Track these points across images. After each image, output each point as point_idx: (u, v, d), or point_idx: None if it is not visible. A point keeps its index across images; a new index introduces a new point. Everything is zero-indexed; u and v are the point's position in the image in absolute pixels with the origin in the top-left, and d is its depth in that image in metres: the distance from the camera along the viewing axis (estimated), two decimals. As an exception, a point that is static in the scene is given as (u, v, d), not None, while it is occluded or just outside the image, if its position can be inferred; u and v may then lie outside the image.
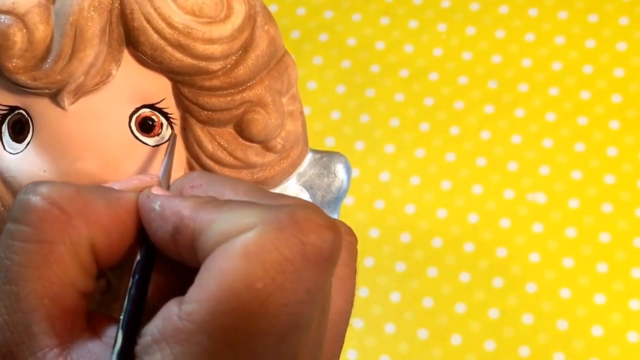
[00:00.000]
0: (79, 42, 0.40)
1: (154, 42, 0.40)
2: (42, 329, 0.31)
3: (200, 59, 0.41)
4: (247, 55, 0.42)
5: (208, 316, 0.29)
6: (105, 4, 0.40)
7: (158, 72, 0.42)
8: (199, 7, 0.41)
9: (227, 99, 0.42)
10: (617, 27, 0.73)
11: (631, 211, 0.67)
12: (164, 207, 0.33)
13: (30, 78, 0.40)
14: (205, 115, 0.43)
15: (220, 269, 0.29)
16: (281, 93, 0.44)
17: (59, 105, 0.41)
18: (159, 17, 0.40)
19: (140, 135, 0.42)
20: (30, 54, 0.40)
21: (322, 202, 0.49)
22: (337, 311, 0.34)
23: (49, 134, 0.41)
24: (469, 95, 0.71)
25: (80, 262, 0.33)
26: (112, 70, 0.41)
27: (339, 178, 0.49)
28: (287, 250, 0.30)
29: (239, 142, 0.44)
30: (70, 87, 0.40)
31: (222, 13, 0.41)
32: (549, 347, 0.63)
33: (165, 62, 0.41)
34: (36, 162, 0.41)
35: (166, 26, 0.40)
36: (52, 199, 0.32)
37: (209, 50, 0.41)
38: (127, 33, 0.41)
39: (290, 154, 0.46)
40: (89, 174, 0.41)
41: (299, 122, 0.46)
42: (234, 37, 0.41)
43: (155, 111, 0.42)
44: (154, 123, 0.42)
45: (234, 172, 0.45)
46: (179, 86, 0.42)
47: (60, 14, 0.40)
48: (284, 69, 0.44)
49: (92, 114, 0.41)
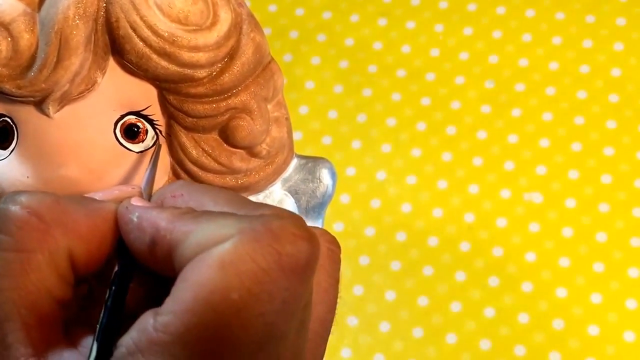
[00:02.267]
0: (64, 50, 0.39)
1: (139, 50, 0.40)
2: (18, 339, 0.31)
3: (185, 66, 0.41)
4: (233, 62, 0.42)
5: (183, 327, 0.29)
6: (91, 12, 0.40)
7: (143, 80, 0.42)
8: (184, 15, 0.40)
9: (213, 106, 0.42)
10: (614, 28, 0.73)
11: (628, 211, 0.67)
12: (142, 219, 0.33)
13: (14, 86, 0.40)
14: (190, 122, 0.43)
15: (195, 280, 0.29)
16: (267, 100, 0.44)
17: (44, 112, 0.41)
18: (144, 26, 0.40)
19: (125, 142, 0.42)
20: (15, 63, 0.40)
21: (307, 207, 0.49)
22: (318, 320, 0.34)
23: (33, 141, 0.41)
24: (466, 95, 0.71)
25: (58, 271, 0.33)
26: (97, 78, 0.41)
27: (323, 183, 0.49)
28: (263, 261, 0.29)
29: (224, 148, 0.44)
30: (55, 95, 0.40)
31: (208, 21, 0.41)
32: (545, 347, 0.63)
33: (151, 70, 0.41)
34: (20, 169, 0.42)
35: (152, 34, 0.40)
36: (31, 208, 0.32)
37: (194, 58, 0.41)
38: (113, 41, 0.41)
39: (275, 159, 0.46)
40: (73, 180, 0.41)
41: (285, 129, 0.46)
42: (220, 44, 0.41)
43: (141, 118, 0.42)
44: (139, 130, 0.42)
45: (218, 177, 0.45)
46: (165, 93, 0.42)
47: (45, 22, 0.39)
48: (270, 75, 0.44)
49: (77, 122, 0.41)
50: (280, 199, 0.48)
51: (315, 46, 0.74)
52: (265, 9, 0.75)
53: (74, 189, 0.41)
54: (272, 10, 0.75)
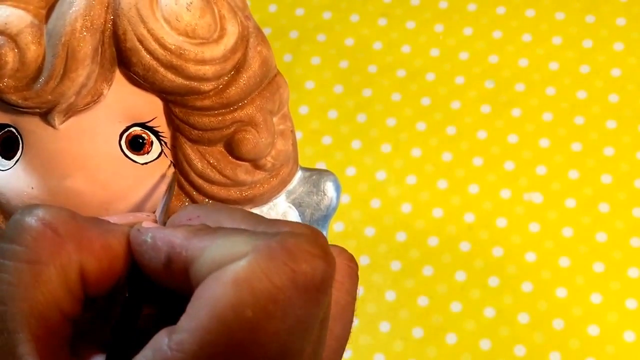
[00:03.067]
0: (70, 62, 0.39)
1: (146, 63, 0.40)
2: (27, 351, 0.31)
3: (192, 79, 0.41)
4: (239, 75, 0.42)
5: (197, 346, 0.29)
6: (98, 24, 0.40)
7: (149, 92, 0.42)
8: (192, 29, 0.40)
9: (218, 119, 0.43)
10: (614, 28, 0.73)
11: (628, 211, 0.67)
12: (156, 238, 0.32)
13: (21, 98, 0.40)
14: (195, 135, 0.43)
15: (210, 298, 0.29)
16: (272, 113, 0.44)
17: (50, 124, 0.41)
18: (151, 38, 0.40)
19: (130, 153, 0.42)
20: (22, 74, 0.40)
21: (310, 220, 0.49)
22: (335, 337, 0.33)
23: (38, 151, 0.41)
24: (466, 95, 0.71)
25: (69, 285, 0.32)
26: (103, 90, 0.41)
27: (328, 196, 0.49)
28: (278, 279, 0.29)
29: (229, 161, 0.44)
30: (62, 107, 0.40)
31: (215, 34, 0.41)
32: (545, 347, 0.63)
33: (157, 83, 0.41)
34: (25, 179, 0.42)
35: (159, 47, 0.40)
36: (47, 220, 0.32)
37: (201, 71, 0.41)
38: (120, 53, 0.41)
39: (280, 172, 0.46)
40: (78, 191, 0.41)
41: (290, 141, 0.46)
42: (227, 57, 0.41)
43: (146, 130, 0.42)
44: (144, 141, 0.42)
45: (222, 189, 0.45)
46: (171, 105, 0.42)
47: (52, 34, 0.40)
48: (276, 89, 0.44)
49: (83, 133, 0.41)
50: (284, 212, 0.48)
51: (315, 46, 0.74)
52: (265, 9, 0.75)
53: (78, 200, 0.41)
54: (272, 10, 0.75)
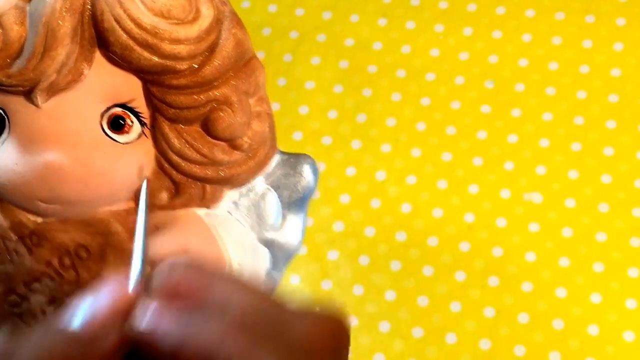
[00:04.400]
0: (50, 40, 0.42)
1: (123, 42, 0.43)
2: None
3: (167, 58, 0.43)
4: (214, 56, 0.44)
5: None
6: (77, 5, 0.42)
7: (129, 72, 0.44)
8: (167, 9, 0.43)
9: (194, 97, 0.45)
10: (614, 28, 0.73)
11: (628, 211, 0.67)
12: None
13: (4, 75, 0.42)
14: (172, 113, 0.45)
15: None
16: (248, 94, 0.47)
17: (33, 103, 0.43)
18: (128, 18, 0.42)
19: (110, 132, 0.45)
20: (5, 53, 0.42)
21: (289, 202, 0.51)
22: None
23: (23, 129, 0.44)
24: (466, 95, 0.71)
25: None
26: (84, 69, 0.43)
27: (305, 178, 0.51)
28: None
29: (206, 140, 0.46)
30: (43, 85, 0.43)
31: (190, 15, 0.43)
32: (545, 347, 0.63)
33: (134, 62, 0.43)
34: (10, 157, 0.44)
35: (135, 27, 0.42)
36: None
37: (175, 50, 0.43)
38: (98, 34, 0.43)
39: (257, 153, 0.48)
40: (58, 167, 0.44)
41: (266, 124, 0.48)
42: (201, 38, 0.44)
43: (126, 110, 0.45)
44: (124, 121, 0.45)
45: (199, 168, 0.47)
46: (149, 85, 0.44)
47: (34, 15, 0.42)
48: (252, 71, 0.46)
49: (65, 112, 0.44)
50: (262, 193, 0.50)
51: (315, 46, 0.74)
52: (265, 9, 0.75)
53: (58, 175, 0.44)
54: (272, 10, 0.75)
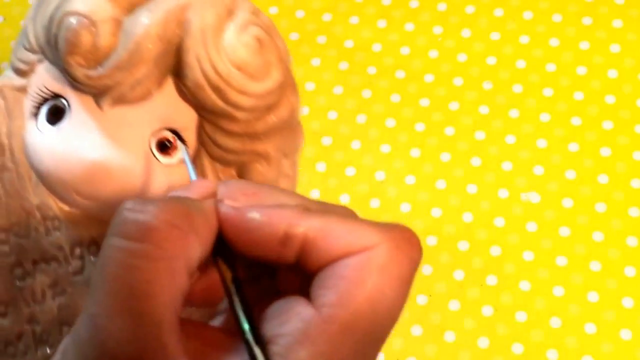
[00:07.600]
0: (136, 59, 0.45)
1: (197, 80, 0.46)
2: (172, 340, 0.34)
3: (230, 104, 0.47)
4: (269, 114, 0.48)
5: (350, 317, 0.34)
6: (169, 35, 0.45)
7: (190, 105, 0.47)
8: (244, 64, 0.46)
9: (240, 144, 0.48)
10: (611, 30, 0.73)
11: (624, 211, 0.67)
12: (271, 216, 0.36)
13: (84, 75, 0.45)
14: (217, 152, 0.48)
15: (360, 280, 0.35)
16: (285, 156, 0.50)
17: (98, 105, 0.46)
18: (208, 61, 0.46)
19: (155, 151, 0.48)
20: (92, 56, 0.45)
21: None
22: None
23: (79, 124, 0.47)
24: (464, 96, 0.72)
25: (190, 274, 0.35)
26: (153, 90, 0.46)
27: None
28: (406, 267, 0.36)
29: None
30: (114, 94, 0.46)
31: (262, 74, 0.47)
32: (543, 345, 0.63)
33: (201, 99, 0.46)
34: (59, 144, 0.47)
35: (212, 69, 0.46)
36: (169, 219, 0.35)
37: (240, 99, 0.46)
38: (177, 65, 0.46)
39: None
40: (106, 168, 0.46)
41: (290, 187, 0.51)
42: (264, 96, 0.47)
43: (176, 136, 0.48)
44: (170, 145, 0.48)
45: None
46: (204, 122, 0.48)
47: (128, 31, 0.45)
48: (294, 136, 0.51)
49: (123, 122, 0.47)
50: None
51: (315, 48, 0.74)
52: (266, 11, 0.75)
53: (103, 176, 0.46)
54: (273, 12, 0.76)
